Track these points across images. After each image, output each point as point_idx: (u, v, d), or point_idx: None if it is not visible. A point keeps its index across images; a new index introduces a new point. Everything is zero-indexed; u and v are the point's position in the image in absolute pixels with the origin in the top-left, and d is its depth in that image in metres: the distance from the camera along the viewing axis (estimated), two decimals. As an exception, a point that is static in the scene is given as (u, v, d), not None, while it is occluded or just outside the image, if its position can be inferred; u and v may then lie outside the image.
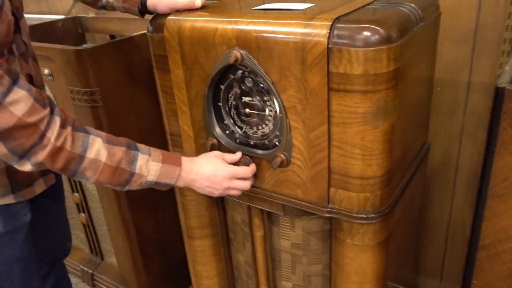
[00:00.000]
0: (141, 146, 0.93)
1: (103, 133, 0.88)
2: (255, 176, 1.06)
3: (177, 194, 1.28)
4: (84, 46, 1.30)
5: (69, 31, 2.01)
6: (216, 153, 1.02)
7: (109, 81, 1.37)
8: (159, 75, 1.12)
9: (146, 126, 1.52)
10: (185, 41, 1.00)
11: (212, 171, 0.97)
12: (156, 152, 0.93)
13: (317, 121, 0.88)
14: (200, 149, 1.12)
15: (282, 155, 0.97)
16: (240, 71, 0.98)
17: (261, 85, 0.97)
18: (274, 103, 0.97)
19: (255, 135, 1.04)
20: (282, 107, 0.92)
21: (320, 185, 0.95)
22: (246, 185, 1.02)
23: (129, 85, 1.43)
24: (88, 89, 1.33)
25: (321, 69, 0.83)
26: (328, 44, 0.80)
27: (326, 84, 0.84)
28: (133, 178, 0.89)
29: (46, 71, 1.42)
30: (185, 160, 0.96)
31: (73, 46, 1.32)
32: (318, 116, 0.88)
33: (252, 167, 1.02)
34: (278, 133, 0.99)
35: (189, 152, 1.16)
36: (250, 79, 0.99)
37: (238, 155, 1.03)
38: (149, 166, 0.91)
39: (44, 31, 1.88)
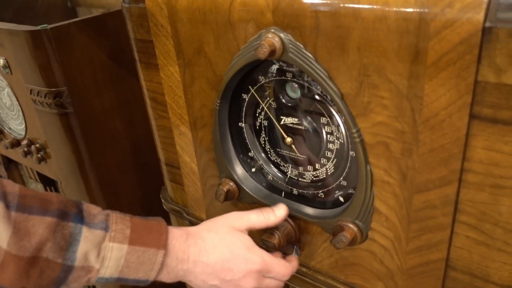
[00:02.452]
0: (92, 210, 0.50)
1: (12, 188, 0.46)
2: (300, 247, 0.63)
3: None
4: (43, 25, 0.88)
5: (55, 6, 1.59)
6: (237, 217, 0.58)
7: (84, 76, 0.95)
8: (144, 73, 0.69)
9: (143, 136, 1.10)
10: (180, 17, 0.57)
11: (227, 260, 0.54)
12: (120, 224, 0.50)
13: (434, 177, 0.44)
14: (210, 191, 0.70)
15: (353, 227, 0.53)
16: (276, 67, 0.55)
17: (317, 98, 0.53)
18: (340, 131, 0.53)
19: (300, 180, 0.61)
20: (359, 143, 0.48)
21: (424, 284, 0.51)
22: (282, 275, 0.59)
23: (114, 80, 1.01)
24: (52, 89, 0.92)
25: (460, 74, 0.38)
26: (485, 19, 0.36)
27: (468, 107, 0.39)
28: (70, 275, 0.47)
29: (1, 61, 1.01)
30: (175, 235, 0.53)
31: (29, 26, 0.90)
32: (438, 167, 0.43)
33: (295, 262, 0.60)
34: (344, 183, 0.56)
35: (192, 193, 0.73)
36: (297, 86, 0.55)
37: (281, 212, 0.58)
38: (103, 251, 0.48)
39: (20, 6, 1.47)
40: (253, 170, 0.64)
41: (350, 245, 0.53)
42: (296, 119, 0.56)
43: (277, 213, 0.58)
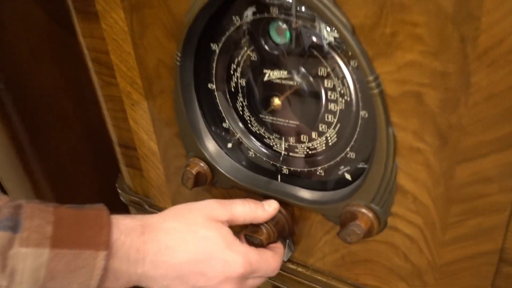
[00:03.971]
0: None
1: None
2: (294, 241, 0.49)
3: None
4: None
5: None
6: (218, 205, 0.43)
7: (17, 44, 0.78)
8: (81, 26, 0.53)
9: (97, 117, 0.93)
10: None
11: (199, 261, 0.40)
12: (38, 218, 0.34)
13: (490, 137, 0.31)
14: (175, 175, 0.55)
15: (367, 213, 0.40)
16: (255, 3, 0.40)
17: (313, 40, 0.39)
18: (345, 85, 0.39)
19: (291, 155, 0.47)
20: (378, 96, 0.34)
21: (466, 284, 0.38)
22: (270, 272, 0.45)
23: (58, 50, 0.84)
24: (-24, 61, 0.74)
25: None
26: None
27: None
28: None
29: None
30: (125, 227, 0.39)
31: None
32: (498, 123, 0.30)
33: (281, 250, 0.47)
34: (351, 156, 0.42)
35: (153, 180, 0.59)
36: (284, 27, 0.40)
37: (272, 206, 0.45)
38: (11, 261, 0.33)
39: None
40: (229, 145, 0.50)
41: (365, 237, 0.40)
42: (285, 73, 0.42)
43: (267, 207, 0.44)
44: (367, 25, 0.32)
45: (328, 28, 0.37)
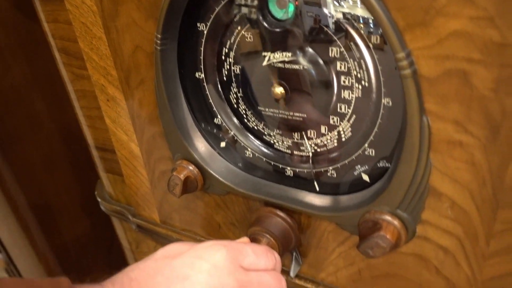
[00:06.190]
0: None
1: None
2: (301, 253, 0.42)
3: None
4: None
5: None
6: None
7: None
8: (43, 10, 0.45)
9: (75, 118, 0.85)
10: None
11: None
12: None
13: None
14: (161, 180, 0.48)
15: (393, 221, 0.33)
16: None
17: (324, 11, 0.32)
18: (363, 67, 0.32)
19: (296, 154, 0.40)
20: (410, 77, 0.27)
21: (513, 303, 0.32)
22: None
23: (26, 45, 0.76)
24: None
25: None
26: None
27: None
28: None
29: None
30: None
31: None
32: None
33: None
34: (370, 153, 0.35)
35: (136, 186, 0.51)
36: (288, -4, 0.33)
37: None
38: None
39: None
40: (223, 144, 0.43)
41: (391, 251, 0.33)
42: (289, 54, 0.35)
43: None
44: (397, -14, 0.25)
45: (343, -4, 0.30)
